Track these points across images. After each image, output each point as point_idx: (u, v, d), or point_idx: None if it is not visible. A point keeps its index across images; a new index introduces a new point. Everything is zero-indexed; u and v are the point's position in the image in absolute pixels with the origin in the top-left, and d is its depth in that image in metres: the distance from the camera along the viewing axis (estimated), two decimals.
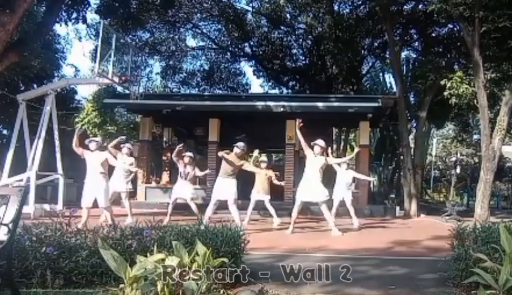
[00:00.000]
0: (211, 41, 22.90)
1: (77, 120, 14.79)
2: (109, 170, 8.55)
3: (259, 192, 9.77)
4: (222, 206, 8.45)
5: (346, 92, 21.10)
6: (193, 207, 9.33)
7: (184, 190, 9.50)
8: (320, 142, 8.32)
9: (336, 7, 19.62)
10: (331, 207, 9.30)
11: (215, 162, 11.95)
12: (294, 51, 23.15)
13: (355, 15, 18.92)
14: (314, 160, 8.24)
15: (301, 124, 8.28)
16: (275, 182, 9.71)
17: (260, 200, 9.81)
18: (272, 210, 9.65)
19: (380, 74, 23.29)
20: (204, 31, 22.24)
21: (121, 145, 9.80)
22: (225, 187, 8.30)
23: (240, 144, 8.49)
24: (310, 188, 8.26)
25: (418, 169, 14.70)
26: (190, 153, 9.79)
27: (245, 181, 10.25)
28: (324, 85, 20.89)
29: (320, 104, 13.63)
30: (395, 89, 16.32)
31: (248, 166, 8.67)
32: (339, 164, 9.59)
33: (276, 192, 11.20)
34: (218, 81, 24.15)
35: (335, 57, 20.30)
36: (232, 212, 8.28)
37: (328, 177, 9.60)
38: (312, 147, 8.29)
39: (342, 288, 4.07)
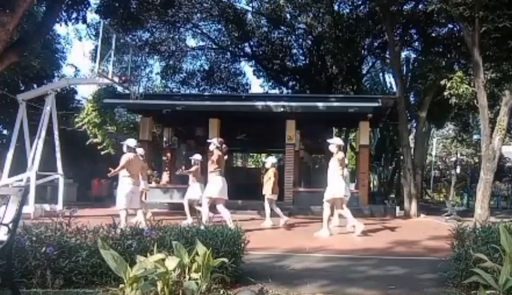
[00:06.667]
0: (211, 41, 22.90)
1: (77, 120, 14.78)
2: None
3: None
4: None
5: (346, 92, 21.11)
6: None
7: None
8: None
9: (336, 7, 19.65)
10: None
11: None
12: (294, 51, 23.21)
13: (355, 15, 18.92)
14: None
15: None
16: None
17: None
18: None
19: (380, 74, 23.33)
20: (204, 31, 22.26)
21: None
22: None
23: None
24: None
25: (418, 169, 14.70)
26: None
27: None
28: (324, 85, 20.90)
29: (320, 104, 13.63)
30: (395, 89, 16.32)
31: None
32: None
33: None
34: (218, 81, 24.15)
35: (335, 57, 20.29)
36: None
37: None
38: None
39: (342, 288, 4.07)
